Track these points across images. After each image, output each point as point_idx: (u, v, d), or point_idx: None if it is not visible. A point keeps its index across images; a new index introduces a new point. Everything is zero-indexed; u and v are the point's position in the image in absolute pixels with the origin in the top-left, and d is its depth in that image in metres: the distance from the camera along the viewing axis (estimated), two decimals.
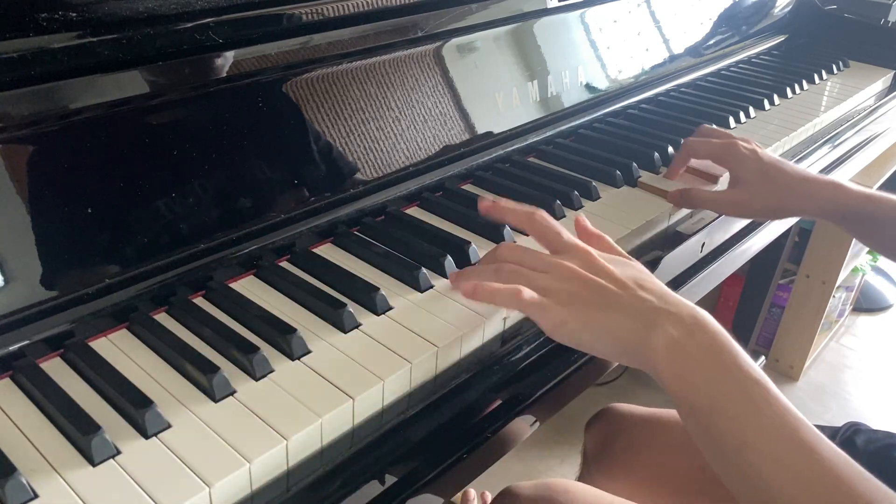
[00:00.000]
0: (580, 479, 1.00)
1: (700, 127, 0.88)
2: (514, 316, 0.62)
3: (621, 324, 0.51)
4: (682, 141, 0.86)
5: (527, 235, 0.68)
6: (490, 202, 0.62)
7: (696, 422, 0.49)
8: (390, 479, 0.49)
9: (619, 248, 0.60)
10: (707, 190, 0.81)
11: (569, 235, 0.58)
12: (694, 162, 0.86)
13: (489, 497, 1.33)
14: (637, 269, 0.56)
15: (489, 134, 0.84)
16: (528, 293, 0.54)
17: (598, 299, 0.53)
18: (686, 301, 0.53)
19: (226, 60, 0.62)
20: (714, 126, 0.88)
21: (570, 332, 0.53)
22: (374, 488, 0.48)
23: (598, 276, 0.54)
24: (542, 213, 0.59)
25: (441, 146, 0.79)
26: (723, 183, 0.86)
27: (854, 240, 1.62)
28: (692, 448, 0.84)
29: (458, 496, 1.34)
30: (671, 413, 0.90)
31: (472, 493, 1.34)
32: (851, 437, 0.77)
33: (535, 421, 0.61)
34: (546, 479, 0.84)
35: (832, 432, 0.79)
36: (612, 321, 0.52)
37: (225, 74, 0.62)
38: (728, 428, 0.46)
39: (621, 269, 0.55)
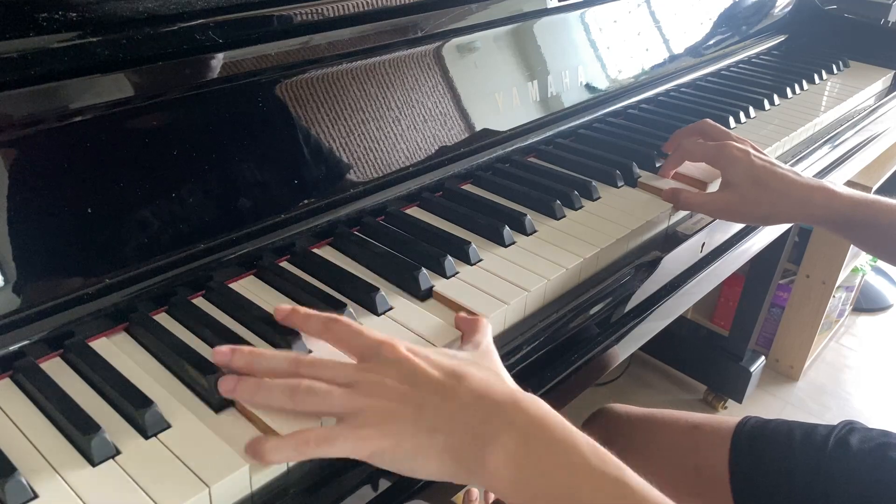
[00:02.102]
0: None
1: (700, 123, 0.88)
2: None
3: (447, 445, 0.44)
4: (673, 136, 0.86)
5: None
6: (288, 310, 0.52)
7: None
8: (384, 484, 0.49)
9: (487, 331, 0.54)
10: (698, 193, 0.80)
11: (372, 335, 0.48)
12: (688, 165, 0.86)
13: (492, 496, 1.33)
14: (460, 359, 0.48)
15: (489, 134, 0.84)
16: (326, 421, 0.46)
17: (415, 418, 0.44)
18: (510, 391, 0.46)
19: (225, 60, 0.62)
20: (709, 121, 0.88)
21: (386, 461, 0.45)
22: (368, 492, 0.48)
23: (414, 383, 0.46)
24: (341, 319, 0.50)
25: (441, 146, 0.79)
26: (712, 187, 0.85)
27: None
28: (689, 449, 0.84)
29: (459, 495, 1.34)
30: (667, 414, 0.90)
31: (476, 492, 1.34)
32: (846, 436, 0.77)
33: None
34: None
35: (828, 431, 0.79)
36: (437, 444, 0.44)
37: (225, 74, 0.62)
38: None
39: (440, 364, 0.47)
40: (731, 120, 1.03)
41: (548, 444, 0.44)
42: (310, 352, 0.54)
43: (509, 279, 0.64)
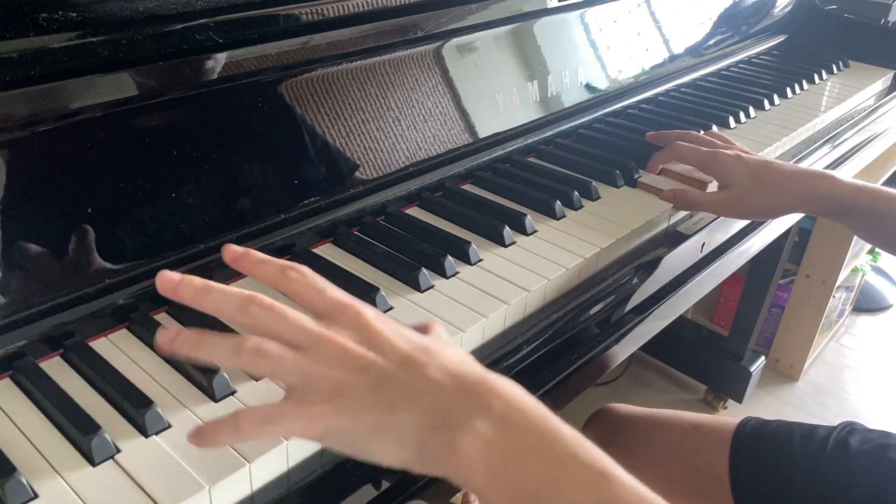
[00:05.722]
0: None
1: (685, 132, 0.89)
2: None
3: (411, 426, 0.39)
4: (661, 134, 0.87)
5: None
6: (239, 252, 0.45)
7: None
8: (385, 483, 0.49)
9: (441, 328, 0.47)
10: (701, 192, 0.81)
11: (335, 292, 0.43)
12: (680, 167, 0.86)
13: None
14: (428, 339, 0.43)
15: (489, 134, 0.84)
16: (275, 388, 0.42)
17: (376, 393, 0.39)
18: (484, 373, 0.42)
19: (226, 60, 0.62)
20: (699, 133, 0.89)
21: (340, 442, 0.40)
22: (369, 492, 0.48)
23: (379, 352, 0.41)
24: (299, 268, 0.44)
25: (441, 146, 0.79)
26: (712, 186, 0.86)
27: (854, 239, 1.62)
28: (689, 449, 0.84)
29: (458, 496, 1.34)
30: (668, 414, 0.90)
31: None
32: (846, 437, 0.77)
33: None
34: None
35: (828, 432, 0.79)
36: (399, 424, 0.39)
37: (225, 74, 0.62)
38: None
39: (409, 336, 0.42)
40: (731, 120, 1.03)
41: (529, 432, 0.39)
42: None
43: (509, 279, 0.64)
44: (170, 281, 0.42)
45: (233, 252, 0.45)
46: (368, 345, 0.41)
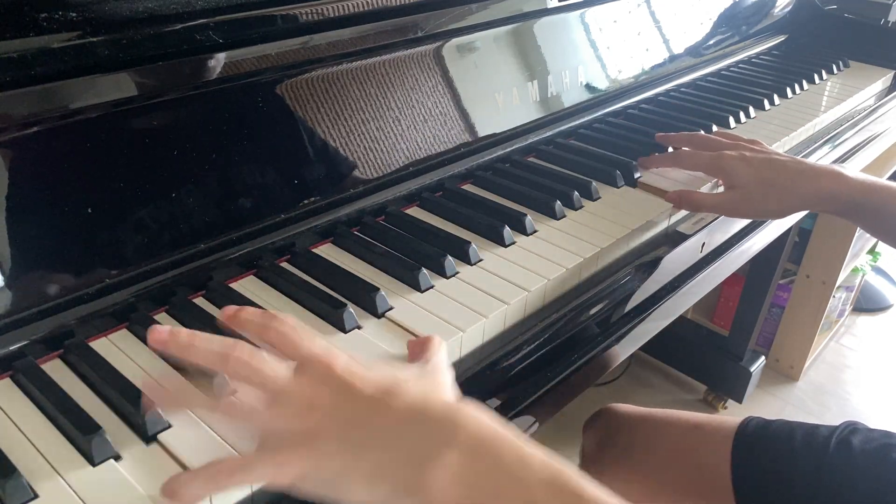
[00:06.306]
0: None
1: (691, 134, 0.88)
2: None
3: (379, 466, 0.40)
4: (669, 136, 0.87)
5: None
6: (234, 310, 0.47)
7: None
8: None
9: (438, 349, 0.49)
10: (707, 193, 0.81)
11: (310, 348, 0.44)
12: (680, 173, 0.86)
13: None
14: (399, 374, 0.44)
15: (489, 134, 0.84)
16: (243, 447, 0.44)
17: (342, 437, 0.40)
18: (449, 402, 0.42)
19: (226, 60, 0.62)
20: (701, 132, 0.89)
21: (312, 487, 0.40)
22: None
23: (345, 399, 0.42)
24: (281, 321, 0.45)
25: (441, 146, 0.79)
26: (706, 187, 0.86)
27: (854, 239, 1.62)
28: (690, 448, 0.84)
29: None
30: (669, 413, 0.90)
31: None
32: (848, 436, 0.77)
33: (535, 422, 0.61)
34: None
35: (830, 431, 0.79)
36: (366, 465, 0.40)
37: (225, 74, 0.62)
38: None
39: (373, 379, 0.43)
40: (731, 120, 1.03)
41: (496, 462, 0.39)
42: None
43: (509, 279, 0.64)
44: (160, 336, 0.44)
45: (227, 312, 0.47)
46: (335, 392, 0.42)
